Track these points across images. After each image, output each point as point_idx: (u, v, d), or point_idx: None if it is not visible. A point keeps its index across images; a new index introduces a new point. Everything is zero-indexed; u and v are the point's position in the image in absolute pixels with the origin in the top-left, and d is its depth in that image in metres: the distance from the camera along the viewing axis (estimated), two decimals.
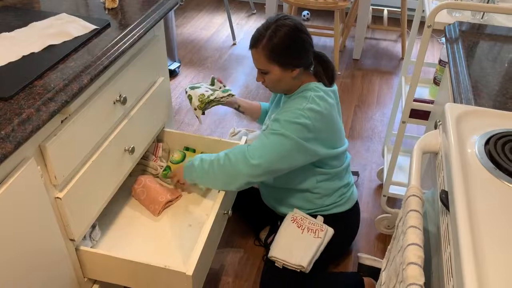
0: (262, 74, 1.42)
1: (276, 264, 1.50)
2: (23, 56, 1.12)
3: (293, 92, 1.47)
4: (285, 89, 1.48)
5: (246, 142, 1.65)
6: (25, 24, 1.26)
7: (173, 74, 2.89)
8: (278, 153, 1.36)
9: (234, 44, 3.36)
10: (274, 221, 1.70)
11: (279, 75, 1.39)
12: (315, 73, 1.47)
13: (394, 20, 3.68)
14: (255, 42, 1.37)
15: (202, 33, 3.52)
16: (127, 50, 1.25)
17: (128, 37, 1.27)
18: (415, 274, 0.74)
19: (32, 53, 1.13)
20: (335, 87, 1.51)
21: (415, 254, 0.77)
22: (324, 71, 1.47)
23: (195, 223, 1.48)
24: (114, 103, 1.26)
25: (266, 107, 1.75)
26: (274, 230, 1.68)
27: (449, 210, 0.80)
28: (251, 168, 1.36)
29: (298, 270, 1.48)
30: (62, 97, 1.02)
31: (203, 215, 1.50)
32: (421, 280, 0.73)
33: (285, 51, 1.35)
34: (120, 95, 1.27)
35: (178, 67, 2.94)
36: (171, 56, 2.83)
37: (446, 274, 0.76)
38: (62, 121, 1.07)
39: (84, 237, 1.29)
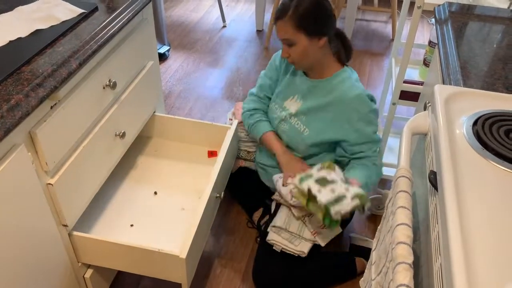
0: (288, 47, 1.40)
1: (274, 247, 1.52)
2: (10, 41, 1.10)
3: (324, 76, 1.47)
4: (311, 63, 1.44)
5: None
6: (10, 8, 1.24)
7: (162, 57, 2.86)
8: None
9: (224, 26, 3.33)
10: (268, 202, 1.71)
11: (306, 44, 1.37)
12: (335, 52, 1.46)
13: (384, 1, 3.66)
14: (281, 12, 1.36)
15: (192, 16, 3.48)
16: (115, 34, 1.24)
17: (116, 20, 1.26)
18: (404, 253, 0.76)
19: (19, 38, 1.12)
20: (355, 72, 1.53)
21: (404, 233, 0.79)
22: (343, 47, 1.48)
23: (188, 207, 1.49)
24: (104, 88, 1.25)
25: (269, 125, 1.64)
26: (267, 211, 1.70)
27: (437, 190, 0.82)
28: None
29: (297, 255, 1.50)
30: (51, 82, 1.01)
31: (195, 198, 1.51)
32: (410, 259, 0.75)
33: (312, 17, 1.34)
34: (109, 80, 1.26)
35: (168, 50, 2.91)
36: (161, 39, 2.80)
37: (434, 252, 0.77)
38: (51, 107, 1.06)
39: None
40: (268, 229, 1.55)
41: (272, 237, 1.52)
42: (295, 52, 1.40)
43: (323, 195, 1.31)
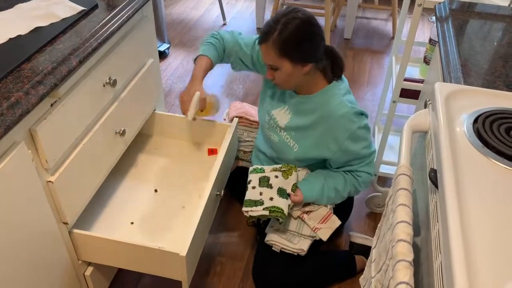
0: (272, 70, 1.35)
1: (273, 248, 1.52)
2: (10, 39, 1.10)
3: (311, 92, 1.43)
4: (296, 86, 1.43)
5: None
6: (10, 5, 1.24)
7: (163, 55, 2.86)
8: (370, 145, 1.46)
9: (225, 24, 3.33)
10: None
11: (290, 70, 1.32)
12: (322, 69, 1.40)
13: None
14: (265, 36, 1.29)
15: (192, 13, 3.48)
16: (115, 31, 1.24)
17: (117, 18, 1.26)
18: (404, 251, 0.76)
19: (19, 36, 1.11)
20: (345, 81, 1.48)
21: (404, 231, 0.79)
22: (332, 65, 1.42)
23: (188, 205, 1.49)
24: (104, 85, 1.25)
25: (214, 55, 1.56)
26: None
27: (437, 188, 0.82)
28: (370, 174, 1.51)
29: (296, 254, 1.50)
30: (51, 80, 1.01)
31: (196, 196, 1.51)
32: (410, 257, 0.75)
33: (296, 45, 1.28)
34: (109, 78, 1.26)
35: (168, 48, 2.91)
36: (161, 37, 2.80)
37: (434, 250, 0.77)
38: (51, 105, 1.06)
39: None
40: (266, 230, 1.55)
41: (271, 237, 1.52)
42: (279, 76, 1.35)
43: (250, 193, 1.46)
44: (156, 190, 1.54)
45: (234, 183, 1.71)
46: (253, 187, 1.47)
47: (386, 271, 0.83)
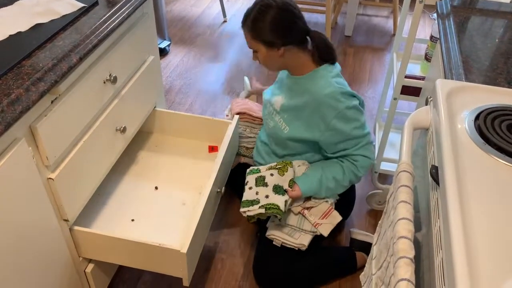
0: (254, 53, 1.43)
1: (274, 242, 1.52)
2: (10, 35, 1.10)
3: (302, 73, 1.44)
4: (280, 68, 1.50)
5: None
6: (10, 2, 1.24)
7: (163, 52, 2.85)
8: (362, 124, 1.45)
9: (225, 21, 3.32)
10: None
11: (266, 53, 1.39)
12: (310, 51, 1.44)
13: None
14: (243, 20, 1.39)
15: (192, 10, 3.47)
16: (116, 28, 1.24)
17: (117, 15, 1.25)
18: (406, 248, 0.76)
19: (19, 32, 1.11)
20: (337, 66, 1.48)
21: (405, 228, 0.79)
22: (317, 51, 1.43)
23: (189, 202, 1.49)
24: (104, 82, 1.25)
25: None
26: None
27: (439, 185, 0.82)
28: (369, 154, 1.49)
29: (297, 249, 1.50)
30: (51, 77, 1.01)
31: (196, 193, 1.51)
32: (411, 253, 0.75)
33: (267, 30, 1.35)
34: (110, 75, 1.26)
35: (169, 45, 2.91)
36: (161, 34, 2.80)
37: (435, 247, 0.77)
38: (52, 101, 1.06)
39: None
40: (267, 225, 1.55)
41: (272, 232, 1.52)
42: (260, 58, 1.43)
43: (247, 194, 1.48)
44: (156, 187, 1.54)
45: (236, 179, 1.71)
46: (250, 188, 1.49)
47: (387, 268, 0.83)
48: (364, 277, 1.08)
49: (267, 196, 1.44)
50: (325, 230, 1.50)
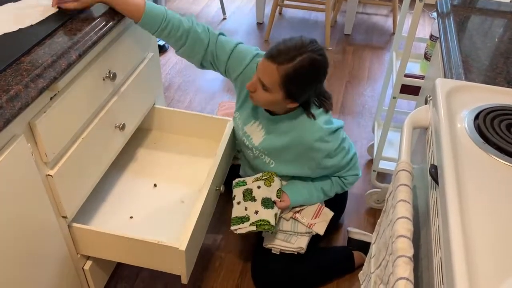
0: (259, 86, 1.28)
1: (273, 251, 1.52)
2: (10, 32, 1.09)
3: (281, 113, 1.38)
4: (270, 109, 1.39)
5: None
6: None
7: (162, 49, 2.85)
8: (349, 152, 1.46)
9: (224, 18, 3.32)
10: None
11: (278, 100, 1.28)
12: (304, 102, 1.34)
13: None
14: (280, 59, 1.21)
15: (192, 8, 3.46)
16: (115, 25, 1.23)
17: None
18: (405, 247, 0.76)
19: (20, 29, 1.11)
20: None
21: (404, 227, 0.79)
22: (319, 103, 1.38)
23: (188, 199, 1.48)
24: (104, 79, 1.24)
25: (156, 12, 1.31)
26: None
27: (438, 184, 0.82)
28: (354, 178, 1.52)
29: (296, 253, 1.51)
30: (51, 73, 1.00)
31: (195, 191, 1.51)
32: (410, 252, 0.75)
33: (301, 85, 1.25)
34: (109, 71, 1.25)
35: None
36: None
37: (434, 246, 0.77)
38: (51, 98, 1.06)
39: None
40: (263, 234, 1.54)
41: (269, 241, 1.52)
42: (264, 96, 1.28)
43: (236, 210, 1.47)
44: (155, 185, 1.53)
45: (229, 180, 1.70)
46: (238, 203, 1.47)
47: (386, 267, 0.83)
48: (363, 276, 1.09)
49: (256, 212, 1.41)
50: (320, 229, 1.50)
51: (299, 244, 1.49)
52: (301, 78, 1.23)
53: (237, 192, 1.49)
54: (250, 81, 1.30)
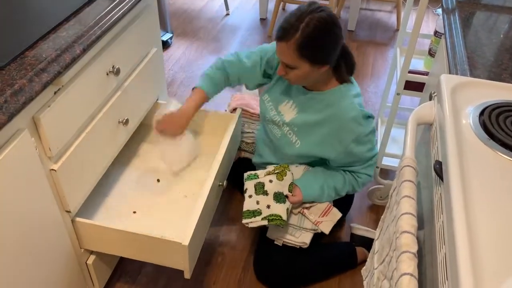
0: (287, 68, 1.30)
1: (276, 242, 1.52)
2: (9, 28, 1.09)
3: (321, 89, 1.40)
4: (308, 84, 1.40)
5: None
6: None
7: (165, 45, 2.85)
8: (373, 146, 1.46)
9: (228, 14, 3.31)
10: None
11: (307, 71, 1.28)
12: (334, 67, 1.36)
13: None
14: (286, 34, 1.22)
15: (195, 3, 3.46)
16: (119, 20, 1.23)
17: (120, 6, 1.25)
18: (409, 242, 0.76)
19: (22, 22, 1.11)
20: (356, 84, 1.45)
21: (408, 223, 0.79)
22: (345, 64, 1.39)
23: (191, 194, 1.49)
24: (107, 74, 1.24)
25: (211, 88, 1.52)
26: None
27: (442, 180, 0.81)
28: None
29: (298, 247, 1.51)
30: (55, 67, 1.00)
31: (198, 186, 1.51)
32: (414, 248, 0.75)
33: (319, 47, 1.24)
34: (113, 66, 1.25)
35: (171, 38, 2.90)
36: (164, 26, 2.79)
37: (438, 242, 0.77)
38: (55, 92, 1.06)
39: None
40: (268, 224, 1.55)
41: (273, 232, 1.52)
42: (294, 74, 1.31)
43: (247, 203, 1.45)
44: (158, 180, 1.54)
45: (236, 174, 1.71)
46: (250, 196, 1.46)
47: (389, 263, 0.83)
48: (366, 272, 1.09)
49: (268, 206, 1.41)
50: (326, 228, 1.50)
51: (303, 239, 1.49)
52: (315, 42, 1.23)
53: (249, 185, 1.48)
54: (278, 67, 1.34)
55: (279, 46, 1.26)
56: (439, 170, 0.83)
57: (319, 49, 1.25)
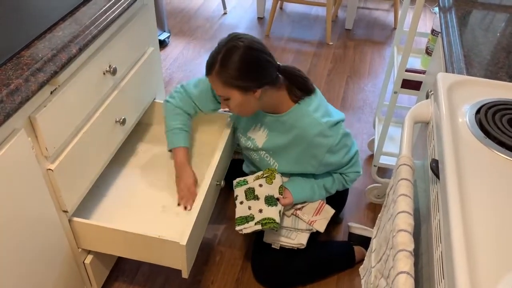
0: (225, 101, 1.33)
1: (273, 245, 1.52)
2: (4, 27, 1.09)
3: (281, 111, 1.38)
4: (255, 109, 1.38)
5: None
6: None
7: (163, 44, 2.84)
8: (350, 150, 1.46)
9: (225, 13, 3.31)
10: None
11: (241, 99, 1.29)
12: (287, 87, 1.36)
13: None
14: (209, 68, 1.27)
15: (192, 2, 3.45)
16: (116, 19, 1.23)
17: (117, 5, 1.25)
18: (405, 241, 0.76)
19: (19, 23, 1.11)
20: (317, 95, 1.41)
21: (405, 221, 0.79)
22: (295, 84, 1.36)
23: None
24: (104, 73, 1.24)
25: (185, 139, 1.53)
26: None
27: (439, 179, 0.82)
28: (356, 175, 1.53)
29: (296, 248, 1.51)
30: (51, 67, 1.00)
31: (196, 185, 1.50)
32: (411, 246, 0.75)
33: (239, 75, 1.24)
34: (109, 66, 1.25)
35: (168, 37, 2.89)
36: (161, 26, 2.78)
37: (435, 240, 0.77)
38: (51, 92, 1.05)
39: None
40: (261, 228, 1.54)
41: (269, 236, 1.52)
42: (233, 105, 1.32)
43: (239, 209, 1.44)
44: (155, 180, 1.53)
45: (230, 175, 1.70)
46: (241, 202, 1.45)
47: (386, 261, 0.84)
48: (363, 270, 1.09)
49: (260, 211, 1.41)
50: (320, 226, 1.50)
51: (300, 240, 1.50)
52: (232, 69, 1.24)
53: (239, 192, 1.48)
54: (221, 103, 1.36)
55: (209, 80, 1.31)
56: (436, 168, 0.83)
57: (239, 76, 1.25)
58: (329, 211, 1.52)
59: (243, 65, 1.24)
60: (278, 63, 1.33)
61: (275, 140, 1.44)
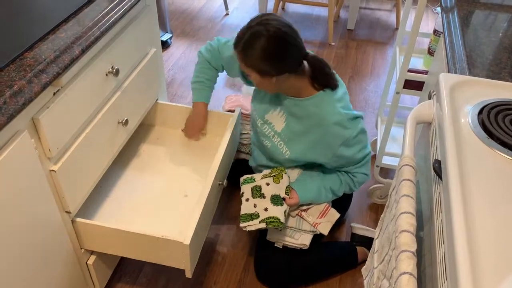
0: (247, 74, 1.34)
1: (276, 244, 1.52)
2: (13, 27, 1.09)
3: (301, 96, 1.37)
4: (275, 91, 1.39)
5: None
6: None
7: (165, 45, 2.85)
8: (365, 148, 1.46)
9: (227, 14, 3.31)
10: None
11: (258, 80, 1.30)
12: (310, 77, 1.35)
13: None
14: (236, 42, 1.28)
15: (194, 3, 3.45)
16: (118, 20, 1.23)
17: (119, 7, 1.25)
18: (408, 241, 0.76)
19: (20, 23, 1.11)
20: (342, 89, 1.41)
21: (407, 222, 0.79)
22: (316, 77, 1.36)
23: (191, 193, 1.49)
24: (107, 74, 1.24)
25: (206, 95, 1.63)
26: None
27: (441, 179, 0.82)
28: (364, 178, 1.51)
29: (299, 248, 1.51)
30: (54, 68, 1.01)
31: (198, 185, 1.51)
32: (413, 247, 0.75)
33: (258, 59, 1.24)
34: (112, 67, 1.25)
35: (170, 38, 2.90)
36: (163, 26, 2.79)
37: (437, 241, 0.77)
38: (54, 93, 1.06)
39: None
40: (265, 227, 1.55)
41: (272, 235, 1.52)
42: (253, 81, 1.34)
43: (244, 207, 1.45)
44: (158, 180, 1.54)
45: (233, 175, 1.71)
46: (247, 200, 1.46)
47: (389, 262, 0.84)
48: (366, 271, 1.09)
49: (266, 209, 1.41)
50: (324, 229, 1.50)
51: (303, 241, 1.50)
52: (253, 52, 1.24)
53: (246, 189, 1.48)
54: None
55: (236, 54, 1.31)
56: (438, 169, 0.83)
57: (257, 60, 1.25)
58: (334, 214, 1.51)
59: (263, 54, 1.23)
60: (307, 51, 1.32)
61: (293, 126, 1.43)
